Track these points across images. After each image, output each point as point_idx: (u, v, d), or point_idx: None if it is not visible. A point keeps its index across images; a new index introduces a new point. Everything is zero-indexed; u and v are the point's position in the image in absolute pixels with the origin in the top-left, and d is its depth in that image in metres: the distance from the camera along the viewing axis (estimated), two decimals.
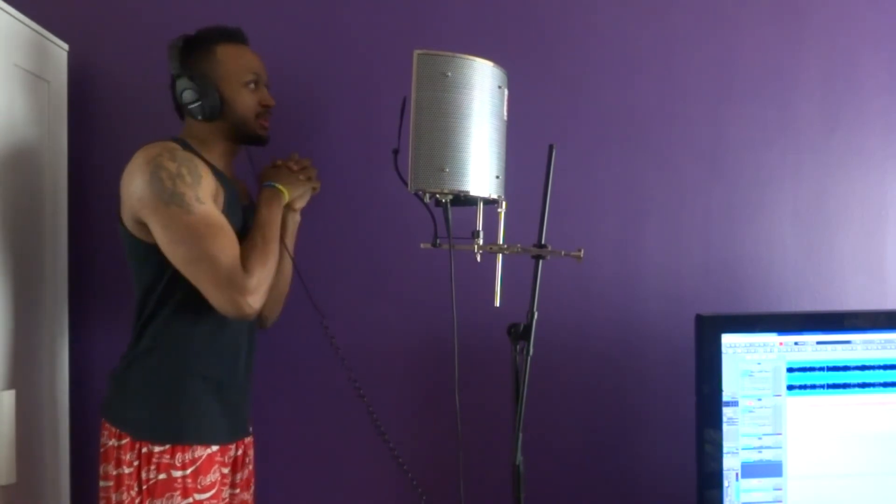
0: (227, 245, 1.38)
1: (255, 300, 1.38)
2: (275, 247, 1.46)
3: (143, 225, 1.39)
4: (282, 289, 1.66)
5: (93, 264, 1.79)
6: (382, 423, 1.82)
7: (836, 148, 1.91)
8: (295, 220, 1.64)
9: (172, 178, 1.36)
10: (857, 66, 1.91)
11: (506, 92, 1.38)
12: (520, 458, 1.35)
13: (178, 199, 1.35)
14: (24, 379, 1.54)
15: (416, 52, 1.29)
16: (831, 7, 1.91)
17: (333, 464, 1.83)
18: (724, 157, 1.89)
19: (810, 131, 1.90)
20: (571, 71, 1.87)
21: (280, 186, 1.53)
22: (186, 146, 1.46)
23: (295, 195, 1.56)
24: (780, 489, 1.63)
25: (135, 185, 1.37)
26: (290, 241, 1.64)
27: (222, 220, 1.40)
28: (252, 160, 1.65)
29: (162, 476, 1.39)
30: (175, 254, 1.37)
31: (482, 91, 1.32)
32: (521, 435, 1.34)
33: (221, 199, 1.44)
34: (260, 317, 1.62)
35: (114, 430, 1.42)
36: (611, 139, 1.87)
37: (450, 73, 1.29)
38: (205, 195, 1.39)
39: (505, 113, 1.39)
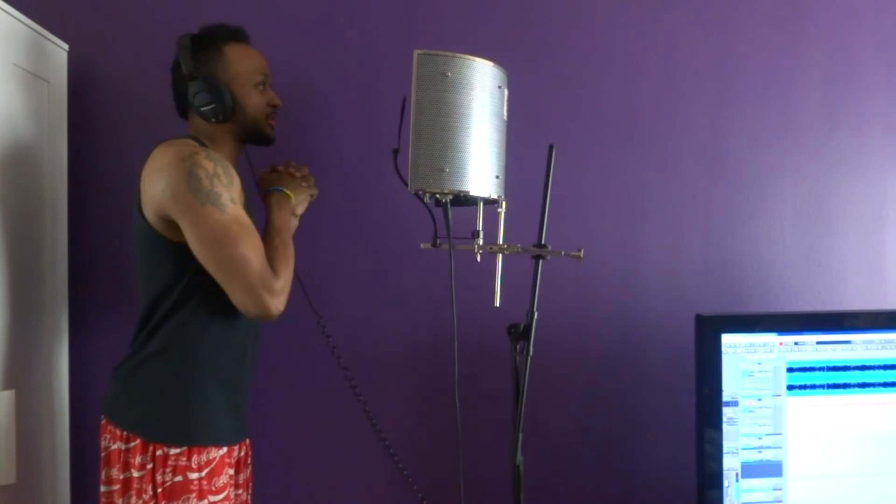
0: (257, 247, 1.38)
1: (281, 301, 1.40)
2: (292, 249, 1.47)
3: (168, 222, 1.37)
4: None
5: (93, 265, 1.79)
6: (382, 423, 1.82)
7: (836, 148, 1.91)
8: (293, 224, 1.64)
9: (210, 177, 1.35)
10: (857, 66, 1.91)
11: (506, 92, 1.38)
12: (520, 457, 1.35)
13: (215, 199, 1.34)
14: (24, 379, 1.54)
15: (416, 52, 1.29)
16: (831, 7, 1.91)
17: (331, 464, 1.83)
18: (724, 157, 1.89)
19: (810, 131, 1.90)
20: (571, 70, 1.87)
21: (287, 191, 1.54)
22: (203, 146, 1.44)
23: (298, 200, 1.58)
24: (780, 489, 1.63)
25: (166, 182, 1.35)
26: None
27: (250, 222, 1.40)
28: (250, 161, 1.65)
29: (178, 478, 1.37)
30: (206, 253, 1.35)
31: (482, 91, 1.32)
32: (521, 435, 1.34)
33: (242, 200, 1.44)
34: None
35: (119, 432, 1.39)
36: (611, 139, 1.87)
37: (450, 73, 1.29)
38: (236, 196, 1.39)
39: (505, 113, 1.38)
